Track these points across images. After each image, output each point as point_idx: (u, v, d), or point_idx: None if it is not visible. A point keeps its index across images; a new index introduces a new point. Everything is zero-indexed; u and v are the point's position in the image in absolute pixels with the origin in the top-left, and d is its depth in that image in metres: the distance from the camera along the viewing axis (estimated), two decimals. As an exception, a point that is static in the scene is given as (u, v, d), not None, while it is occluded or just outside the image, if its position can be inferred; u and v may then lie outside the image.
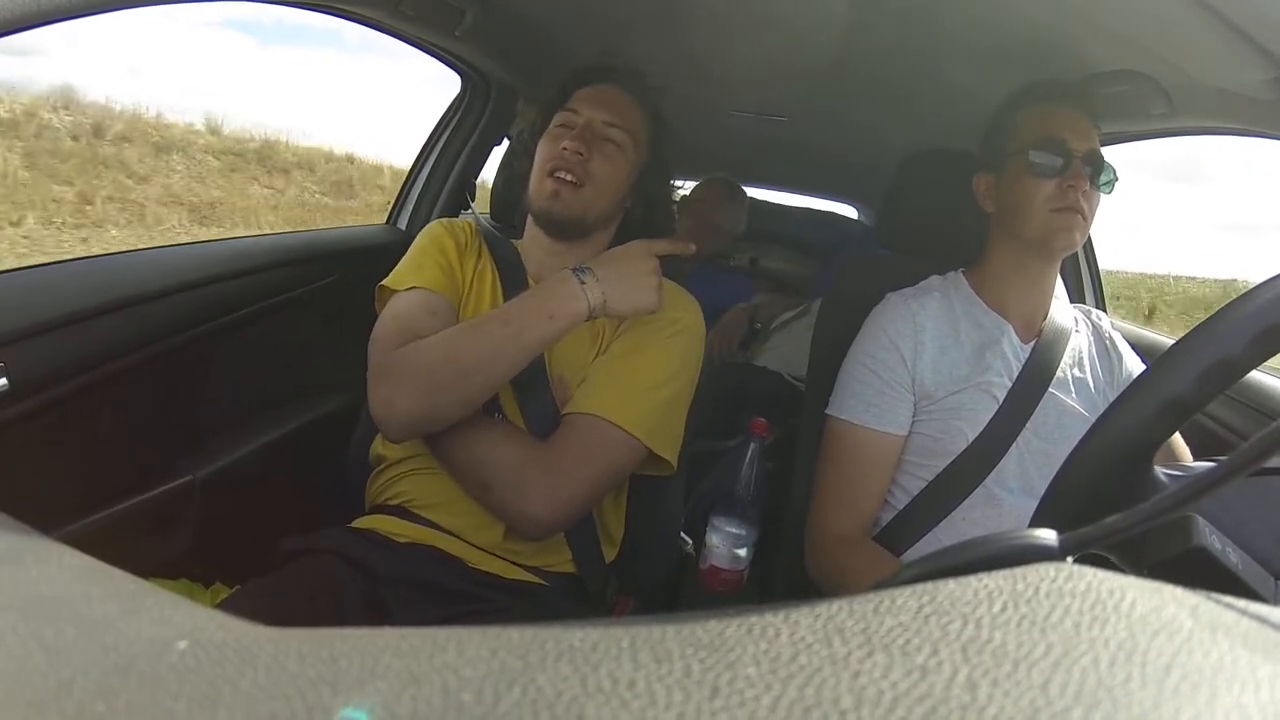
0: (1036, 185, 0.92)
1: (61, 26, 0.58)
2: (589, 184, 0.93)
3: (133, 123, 7.27)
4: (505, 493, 0.83)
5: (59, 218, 5.87)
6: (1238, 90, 0.87)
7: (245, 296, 1.10)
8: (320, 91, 22.75)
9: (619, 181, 0.96)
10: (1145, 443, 0.45)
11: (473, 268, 0.98)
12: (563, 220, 0.94)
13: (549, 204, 0.93)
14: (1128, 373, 1.00)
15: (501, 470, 0.84)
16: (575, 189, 0.92)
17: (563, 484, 0.83)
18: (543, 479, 0.83)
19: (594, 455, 0.85)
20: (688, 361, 0.94)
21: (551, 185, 0.92)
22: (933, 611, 0.20)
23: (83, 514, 0.86)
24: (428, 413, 0.81)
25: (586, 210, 0.94)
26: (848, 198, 2.76)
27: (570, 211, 0.93)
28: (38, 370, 0.79)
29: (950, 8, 1.03)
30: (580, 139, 0.93)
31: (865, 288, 1.06)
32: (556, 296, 0.82)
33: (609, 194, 0.95)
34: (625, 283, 0.83)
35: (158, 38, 16.42)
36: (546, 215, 0.94)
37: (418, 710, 0.16)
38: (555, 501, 0.83)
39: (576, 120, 0.95)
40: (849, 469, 0.96)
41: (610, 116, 0.96)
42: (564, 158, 0.92)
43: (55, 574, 0.24)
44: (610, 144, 0.95)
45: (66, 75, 13.19)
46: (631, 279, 0.84)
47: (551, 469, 0.83)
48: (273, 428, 1.15)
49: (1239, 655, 0.18)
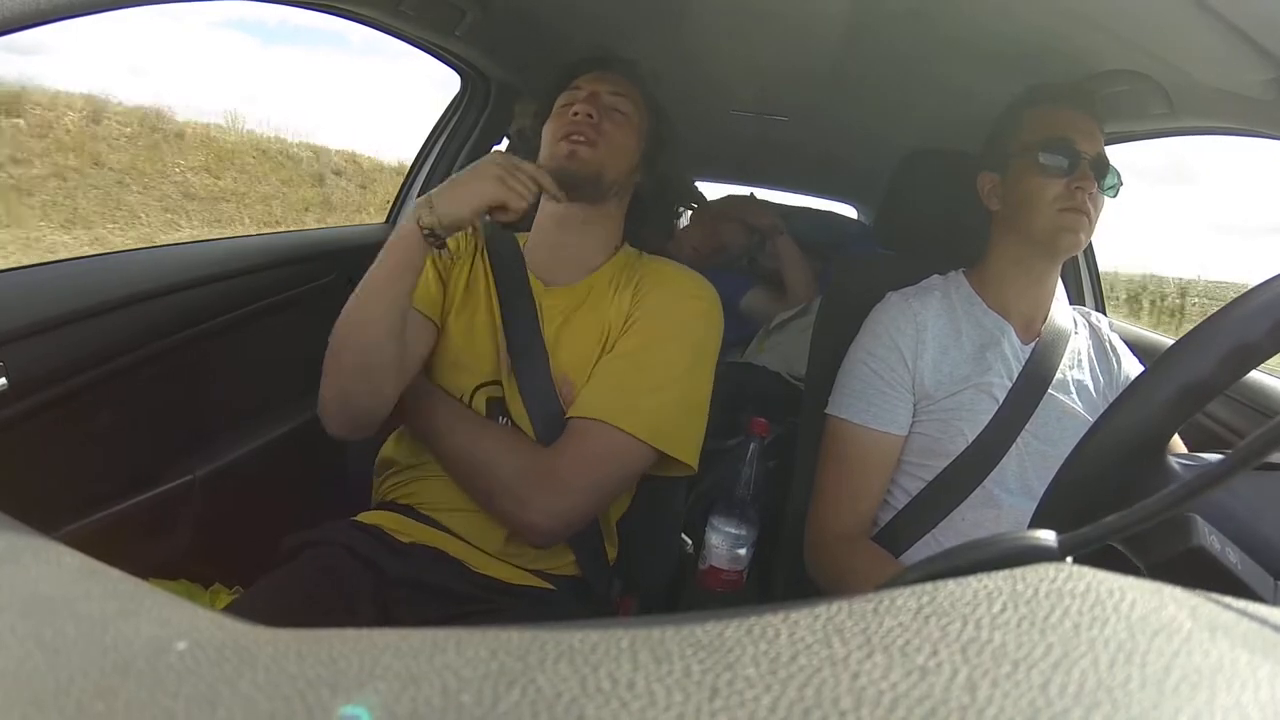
0: (1044, 185, 0.92)
1: (63, 26, 0.58)
2: (603, 142, 0.92)
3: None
4: (507, 502, 0.83)
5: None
6: (1237, 90, 0.87)
7: (245, 295, 1.10)
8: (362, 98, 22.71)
9: (630, 146, 0.96)
10: (1161, 428, 0.44)
11: (466, 273, 0.97)
12: (581, 176, 0.92)
13: (567, 163, 0.91)
14: (1126, 374, 1.00)
15: (503, 480, 0.83)
16: (591, 147, 0.92)
17: (565, 493, 0.83)
18: (544, 488, 0.83)
19: (597, 462, 0.85)
20: (702, 352, 0.92)
21: (567, 146, 0.92)
22: (932, 612, 0.20)
23: (82, 514, 0.86)
24: (338, 397, 0.82)
25: (603, 168, 0.93)
26: (847, 198, 2.76)
27: (587, 168, 0.92)
28: (37, 370, 0.79)
29: (949, 8, 1.03)
30: (589, 103, 0.93)
31: (865, 287, 1.06)
32: (395, 234, 0.82)
33: (622, 157, 0.95)
34: (455, 186, 0.81)
35: (160, 38, 16.42)
36: (565, 173, 0.92)
37: (417, 711, 0.16)
38: (557, 511, 0.83)
39: (579, 94, 0.96)
40: (848, 469, 0.96)
41: (612, 87, 0.96)
42: (575, 122, 0.92)
43: (54, 574, 0.24)
44: (617, 112, 0.95)
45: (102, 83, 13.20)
46: (463, 182, 0.81)
47: (553, 478, 0.83)
48: (273, 427, 1.16)
49: (1238, 656, 0.18)
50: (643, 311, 0.92)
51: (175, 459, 1.00)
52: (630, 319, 0.92)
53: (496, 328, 0.93)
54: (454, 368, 0.93)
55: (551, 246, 0.98)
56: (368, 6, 1.10)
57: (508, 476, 0.83)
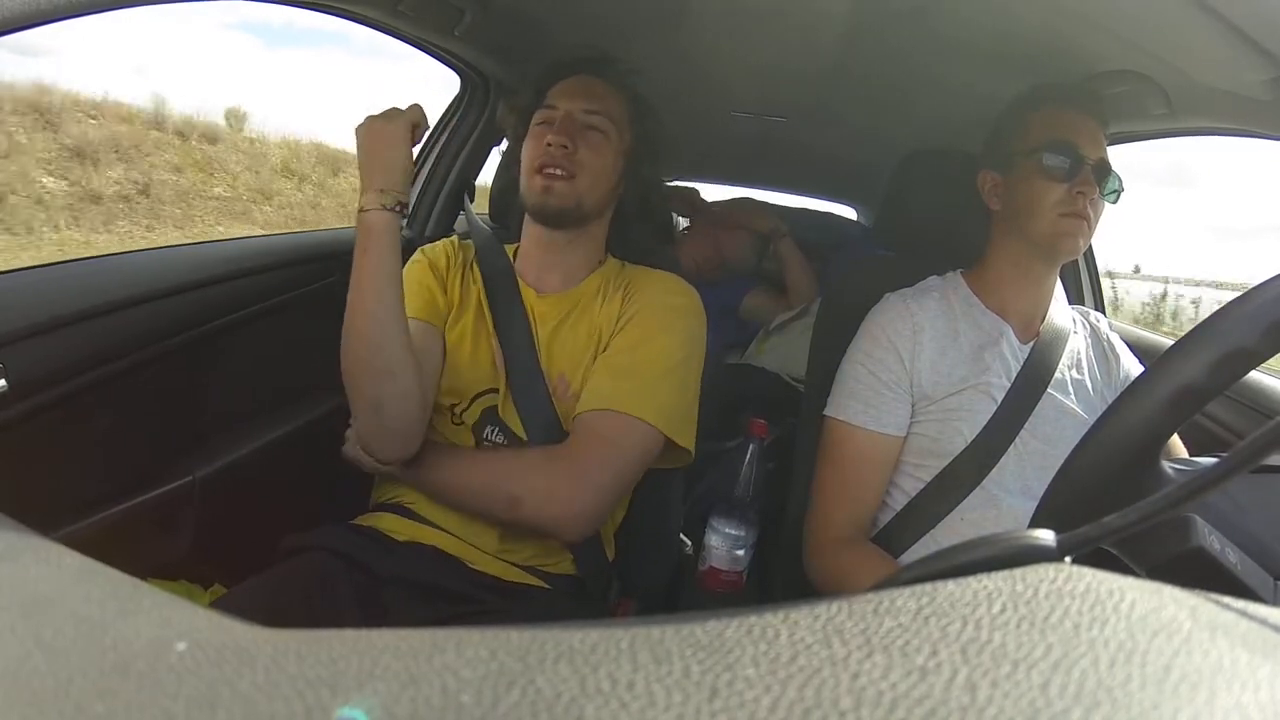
0: (1047, 188, 0.92)
1: (65, 28, 0.58)
2: (580, 174, 0.92)
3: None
4: (533, 506, 0.84)
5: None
6: (1237, 91, 0.87)
7: (245, 297, 1.10)
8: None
9: (609, 168, 0.96)
10: (1156, 432, 0.44)
11: (459, 285, 0.98)
12: (558, 212, 0.93)
13: (542, 199, 0.92)
14: (1125, 374, 1.00)
15: (526, 485, 0.84)
16: (567, 181, 0.92)
17: (588, 484, 0.84)
18: (568, 481, 0.84)
19: (614, 449, 0.86)
20: (692, 344, 0.94)
21: (542, 181, 0.92)
22: (932, 612, 0.20)
23: (82, 514, 0.86)
24: (369, 409, 0.81)
25: (581, 199, 0.93)
26: (847, 199, 2.76)
27: (565, 202, 0.92)
28: (37, 371, 0.79)
29: (950, 8, 1.03)
30: (563, 132, 0.92)
31: (864, 288, 1.06)
32: (366, 230, 0.81)
33: (601, 182, 0.95)
34: (377, 156, 0.81)
35: (162, 37, 16.43)
36: (541, 210, 0.94)
37: (417, 711, 0.16)
38: (584, 502, 0.84)
39: (555, 115, 0.95)
40: (847, 470, 0.96)
41: (589, 104, 0.95)
42: (550, 154, 0.92)
43: (54, 574, 0.24)
44: (593, 131, 0.94)
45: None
46: (375, 148, 0.81)
47: (575, 470, 0.84)
48: (273, 428, 1.15)
49: (1238, 656, 0.18)
50: (634, 310, 0.93)
51: (175, 460, 1.00)
52: (622, 319, 0.93)
53: (490, 335, 0.94)
54: (452, 377, 0.94)
55: (539, 260, 0.99)
56: (366, 6, 1.09)
57: (527, 476, 0.84)
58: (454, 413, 0.93)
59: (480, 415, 0.93)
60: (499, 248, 1.01)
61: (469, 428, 0.93)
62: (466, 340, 0.95)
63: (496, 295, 0.96)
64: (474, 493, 0.87)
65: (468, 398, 0.93)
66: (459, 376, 0.93)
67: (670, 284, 0.97)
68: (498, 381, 0.93)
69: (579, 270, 0.99)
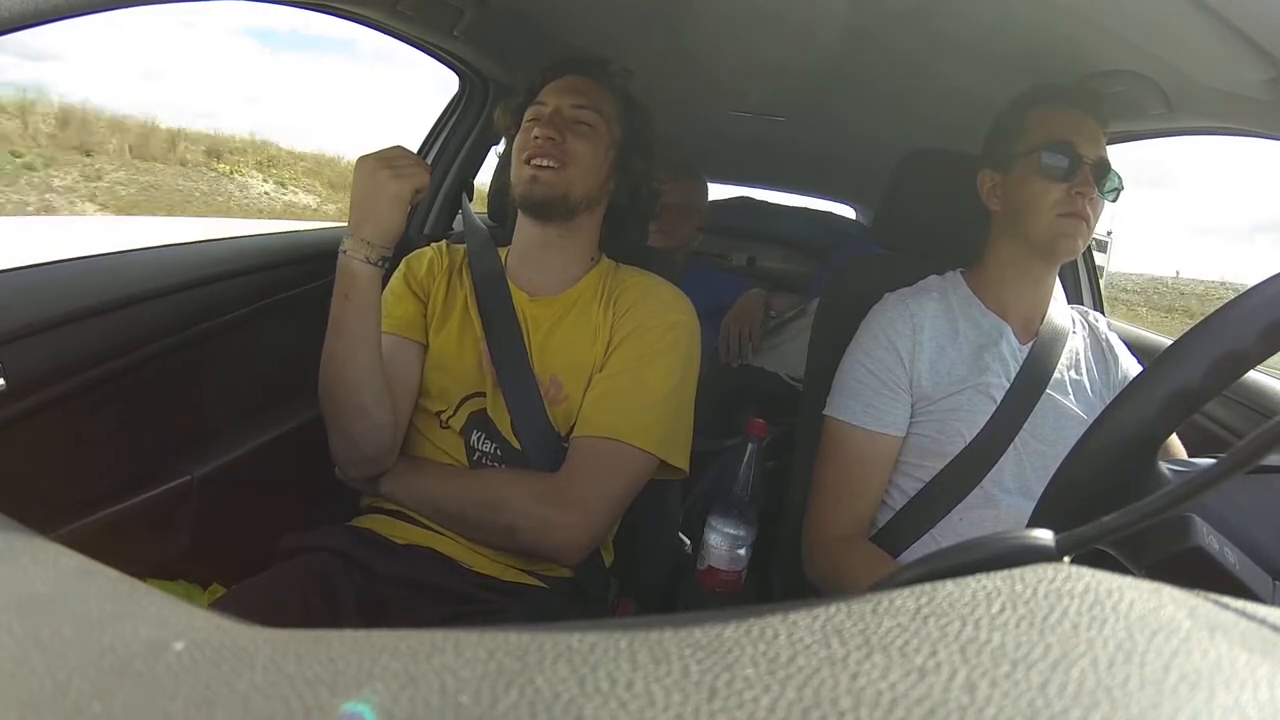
0: (1046, 188, 0.92)
1: (70, 29, 0.58)
2: (568, 164, 0.93)
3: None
4: (530, 532, 0.85)
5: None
6: (1236, 90, 0.87)
7: (243, 296, 1.10)
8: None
9: (598, 159, 0.96)
10: (1152, 435, 0.44)
11: (444, 290, 0.98)
12: (545, 200, 0.93)
13: (529, 188, 0.93)
14: (1124, 374, 1.00)
15: (521, 511, 0.85)
16: (555, 171, 0.92)
17: (584, 510, 0.85)
18: (563, 509, 0.84)
19: (609, 477, 0.87)
20: (690, 363, 0.94)
21: (530, 171, 0.93)
22: (931, 612, 0.20)
23: (80, 514, 0.86)
24: (345, 442, 0.87)
25: (569, 189, 0.93)
26: (846, 198, 2.76)
27: (552, 191, 0.93)
28: (35, 370, 0.79)
29: (948, 9, 1.03)
30: (550, 125, 0.93)
31: (863, 288, 1.06)
32: (345, 276, 0.84)
33: (590, 173, 0.95)
34: (370, 208, 0.82)
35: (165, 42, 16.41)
36: (528, 199, 0.94)
37: (415, 711, 0.16)
38: (581, 528, 0.85)
39: (544, 110, 0.96)
40: (846, 470, 0.96)
41: (576, 100, 0.96)
42: (538, 144, 0.93)
43: (52, 574, 0.24)
44: (582, 124, 0.95)
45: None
46: (371, 200, 0.83)
47: (574, 501, 0.85)
48: (271, 427, 1.15)
49: (1237, 655, 0.18)
50: (632, 325, 0.93)
51: (173, 459, 1.00)
52: (615, 334, 0.93)
53: (478, 337, 0.94)
54: (438, 380, 0.94)
55: (531, 261, 0.99)
56: (365, 7, 1.09)
57: (524, 506, 0.85)
58: (441, 419, 0.94)
59: (468, 419, 0.93)
60: (492, 249, 1.01)
61: (457, 433, 0.93)
62: (451, 343, 0.95)
63: (485, 297, 0.96)
64: (469, 520, 0.88)
65: (454, 402, 0.93)
66: (445, 379, 0.93)
67: (667, 298, 0.97)
68: (484, 384, 0.93)
69: (572, 270, 0.99)
